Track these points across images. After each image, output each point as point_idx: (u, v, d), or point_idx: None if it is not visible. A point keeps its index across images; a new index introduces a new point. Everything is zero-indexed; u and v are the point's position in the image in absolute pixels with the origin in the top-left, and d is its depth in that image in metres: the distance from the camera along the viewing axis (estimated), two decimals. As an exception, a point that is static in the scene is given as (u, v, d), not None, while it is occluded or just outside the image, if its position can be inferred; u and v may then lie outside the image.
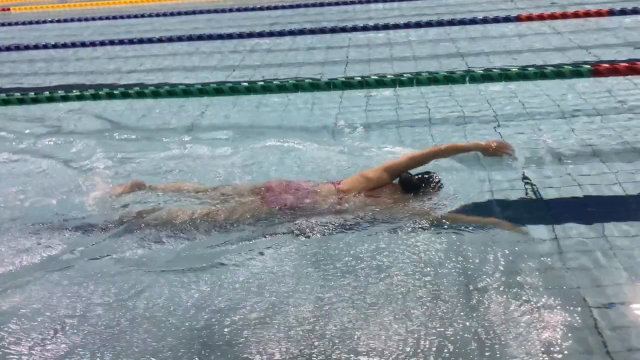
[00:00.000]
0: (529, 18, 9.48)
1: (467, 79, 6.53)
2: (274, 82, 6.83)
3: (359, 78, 6.77)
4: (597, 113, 5.53)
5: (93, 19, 12.84)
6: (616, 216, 3.76)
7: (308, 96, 6.50)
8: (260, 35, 9.94)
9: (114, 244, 3.71)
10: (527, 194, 4.13)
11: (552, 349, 2.67)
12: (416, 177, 4.07)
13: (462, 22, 9.60)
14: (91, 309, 3.12)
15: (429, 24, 9.67)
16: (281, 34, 9.94)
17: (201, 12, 12.83)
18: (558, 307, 2.91)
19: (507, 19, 9.51)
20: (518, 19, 9.49)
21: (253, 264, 3.43)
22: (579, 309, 2.90)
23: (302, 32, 9.90)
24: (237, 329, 2.91)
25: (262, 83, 6.83)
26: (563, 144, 4.89)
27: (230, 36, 9.95)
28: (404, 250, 3.47)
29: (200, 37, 9.98)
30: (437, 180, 4.06)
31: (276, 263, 3.42)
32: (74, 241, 3.78)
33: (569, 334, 2.75)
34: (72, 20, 12.80)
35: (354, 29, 9.84)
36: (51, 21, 12.61)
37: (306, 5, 12.70)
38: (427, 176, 4.06)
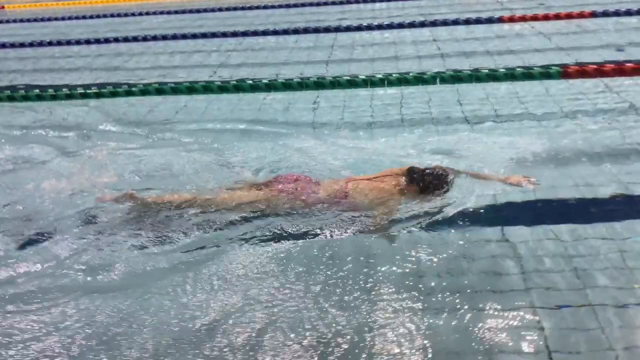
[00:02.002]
0: (511, 19, 9.46)
1: (437, 80, 6.55)
2: (247, 82, 6.87)
3: (331, 78, 6.80)
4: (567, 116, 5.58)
5: (84, 17, 12.87)
6: (568, 220, 3.77)
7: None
8: (245, 34, 9.96)
9: (109, 239, 3.78)
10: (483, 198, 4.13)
11: (496, 348, 2.73)
12: (426, 170, 4.02)
13: (444, 23, 9.60)
14: (70, 310, 3.16)
15: (412, 25, 9.68)
16: (265, 33, 9.96)
17: (190, 11, 12.85)
18: (506, 308, 2.96)
19: (490, 20, 9.49)
20: (500, 20, 9.48)
21: (253, 257, 3.52)
22: (526, 310, 2.95)
23: (286, 31, 9.92)
24: (232, 327, 2.98)
25: (234, 82, 6.86)
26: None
27: (214, 35, 9.98)
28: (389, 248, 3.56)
29: (184, 36, 10.01)
30: (444, 177, 3.99)
31: (271, 257, 3.51)
32: (71, 239, 3.84)
33: (514, 335, 2.80)
34: (62, 18, 12.86)
35: (338, 29, 9.85)
36: (42, 19, 12.67)
37: (296, 6, 12.71)
38: (437, 172, 3.99)
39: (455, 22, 9.56)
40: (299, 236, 3.69)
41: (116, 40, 10.00)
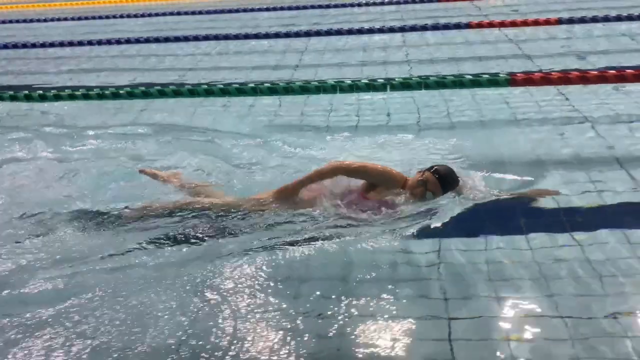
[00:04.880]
0: (479, 25, 9.51)
1: (387, 87, 6.60)
2: (202, 86, 6.95)
3: (284, 84, 6.88)
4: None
5: (66, 19, 13.03)
6: (500, 230, 3.77)
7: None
8: (216, 38, 10.07)
9: (121, 238, 3.85)
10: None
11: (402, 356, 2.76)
12: (436, 167, 4.03)
13: (413, 29, 9.66)
14: (79, 306, 3.17)
15: (381, 30, 9.75)
16: (237, 37, 10.07)
17: (171, 14, 13.00)
18: (420, 317, 2.99)
19: (457, 26, 9.55)
20: (468, 26, 9.53)
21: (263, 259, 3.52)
22: (440, 319, 2.96)
23: (257, 36, 10.02)
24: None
25: (189, 87, 6.94)
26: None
27: (186, 39, 10.09)
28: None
29: (157, 40, 10.13)
30: (452, 177, 4.03)
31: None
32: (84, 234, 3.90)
33: (423, 343, 2.82)
34: (45, 20, 13.03)
35: (308, 33, 9.93)
36: (17, 21, 12.82)
37: (274, 9, 12.80)
38: (449, 171, 4.03)
39: (424, 28, 9.62)
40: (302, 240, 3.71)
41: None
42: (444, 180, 3.94)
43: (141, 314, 3.10)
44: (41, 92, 7.09)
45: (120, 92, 6.91)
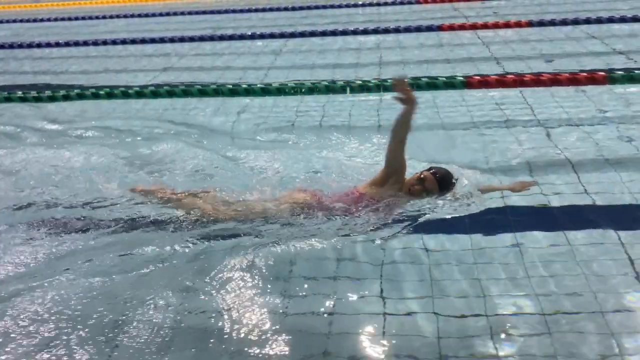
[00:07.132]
0: (451, 28, 9.57)
1: (347, 89, 6.67)
2: (164, 88, 7.04)
3: (245, 86, 6.96)
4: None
5: (50, 19, 13.16)
6: (433, 230, 3.80)
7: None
8: (192, 39, 10.17)
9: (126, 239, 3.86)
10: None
11: (337, 353, 2.80)
12: (434, 169, 4.14)
13: (386, 31, 9.73)
14: (84, 307, 3.18)
15: (355, 32, 9.82)
16: (212, 38, 10.18)
17: (153, 15, 13.11)
18: (358, 314, 3.05)
19: (429, 29, 9.61)
20: (440, 28, 9.59)
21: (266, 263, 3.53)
22: (377, 315, 3.01)
23: (231, 37, 10.13)
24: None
25: (152, 88, 7.03)
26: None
27: (162, 40, 10.19)
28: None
29: (133, 41, 10.22)
30: (449, 177, 4.12)
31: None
32: (83, 235, 3.91)
33: (360, 339, 2.88)
34: (29, 20, 13.17)
35: (293, 35, 10.03)
36: (1, 21, 12.97)
37: (257, 10, 12.90)
38: (448, 172, 4.15)
39: (397, 30, 9.69)
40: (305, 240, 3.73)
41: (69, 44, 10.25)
42: (441, 180, 4.07)
43: (133, 312, 3.14)
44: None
45: (86, 93, 7.02)
